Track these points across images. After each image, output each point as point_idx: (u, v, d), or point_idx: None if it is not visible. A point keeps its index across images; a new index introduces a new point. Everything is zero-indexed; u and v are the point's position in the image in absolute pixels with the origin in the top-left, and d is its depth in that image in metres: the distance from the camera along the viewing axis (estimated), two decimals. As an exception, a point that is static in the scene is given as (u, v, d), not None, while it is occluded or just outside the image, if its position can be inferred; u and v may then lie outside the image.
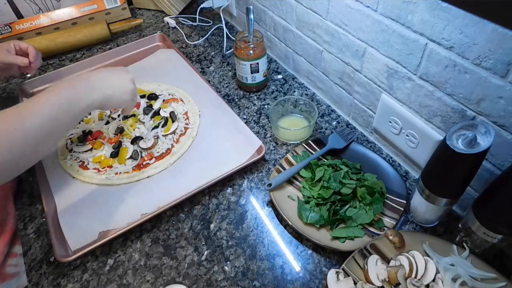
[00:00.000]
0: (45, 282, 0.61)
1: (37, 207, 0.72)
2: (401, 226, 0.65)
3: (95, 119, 0.85)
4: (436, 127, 0.61)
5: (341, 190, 0.65)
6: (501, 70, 0.47)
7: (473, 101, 0.52)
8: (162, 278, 0.60)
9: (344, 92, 0.81)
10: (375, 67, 0.68)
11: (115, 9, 1.22)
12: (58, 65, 1.08)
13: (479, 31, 0.47)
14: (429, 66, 0.56)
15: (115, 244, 0.65)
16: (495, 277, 0.52)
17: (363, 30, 0.66)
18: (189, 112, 0.86)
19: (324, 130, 0.83)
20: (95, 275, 0.61)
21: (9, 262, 0.68)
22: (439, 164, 0.53)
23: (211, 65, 1.04)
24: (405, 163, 0.73)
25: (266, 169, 0.75)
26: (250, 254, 0.62)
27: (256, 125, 0.85)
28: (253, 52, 0.85)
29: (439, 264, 0.54)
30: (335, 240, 0.61)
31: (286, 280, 0.59)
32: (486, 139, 0.47)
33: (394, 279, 0.51)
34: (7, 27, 1.11)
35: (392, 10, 0.58)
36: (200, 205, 0.70)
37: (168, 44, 1.08)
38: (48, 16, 1.15)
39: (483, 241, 0.53)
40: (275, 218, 0.67)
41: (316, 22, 0.78)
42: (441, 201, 0.56)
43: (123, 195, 0.71)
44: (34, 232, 0.68)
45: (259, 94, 0.93)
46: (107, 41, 1.16)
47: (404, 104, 0.65)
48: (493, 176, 0.55)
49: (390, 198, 0.66)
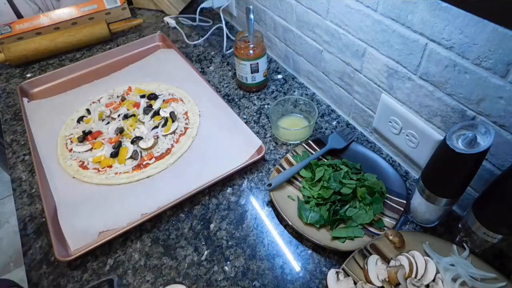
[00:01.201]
0: (45, 282, 0.61)
1: (37, 207, 0.72)
2: (401, 226, 0.65)
3: (95, 119, 0.85)
4: (436, 127, 0.61)
5: (341, 190, 0.65)
6: (501, 70, 0.47)
7: (473, 101, 0.52)
8: (162, 278, 0.60)
9: (344, 92, 0.81)
10: (375, 67, 0.68)
11: (115, 9, 1.22)
12: (58, 65, 1.08)
13: (479, 31, 0.47)
14: (429, 66, 0.56)
15: (115, 244, 0.65)
16: (495, 277, 0.52)
17: (363, 30, 0.66)
18: (189, 112, 0.86)
19: (324, 130, 0.83)
20: (95, 275, 0.61)
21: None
22: (439, 164, 0.53)
23: (211, 65, 1.04)
24: (405, 163, 0.73)
25: (266, 169, 0.75)
26: (250, 254, 0.62)
27: (256, 125, 0.85)
28: (253, 52, 0.85)
29: (439, 264, 0.54)
30: (335, 240, 0.61)
31: (286, 280, 0.59)
32: (486, 139, 0.47)
33: (394, 279, 0.51)
34: (7, 27, 1.11)
35: (392, 10, 0.58)
36: (200, 205, 0.70)
37: (168, 44, 1.08)
38: (48, 16, 1.15)
39: (483, 241, 0.53)
40: (275, 218, 0.67)
41: (316, 22, 0.78)
42: (441, 201, 0.56)
43: (123, 195, 0.71)
44: (34, 232, 0.68)
45: (259, 94, 0.93)
46: (107, 41, 1.16)
47: (404, 104, 0.65)
48: (493, 176, 0.55)
49: (390, 198, 0.66)
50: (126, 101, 0.89)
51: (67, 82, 1.00)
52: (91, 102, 0.91)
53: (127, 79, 0.98)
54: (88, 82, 0.98)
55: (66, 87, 0.97)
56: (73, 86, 0.97)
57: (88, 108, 0.88)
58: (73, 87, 0.97)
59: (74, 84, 0.98)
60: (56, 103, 0.92)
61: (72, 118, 0.87)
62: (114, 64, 1.04)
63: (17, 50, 1.05)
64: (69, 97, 0.94)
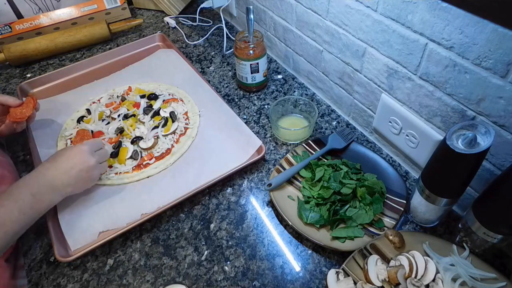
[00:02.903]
0: (45, 282, 0.61)
1: (37, 207, 0.72)
2: (401, 226, 0.65)
3: (95, 119, 0.85)
4: (436, 127, 0.61)
5: (341, 190, 0.65)
6: (501, 70, 0.47)
7: (473, 101, 0.52)
8: (162, 278, 0.60)
9: (344, 92, 0.81)
10: (375, 67, 0.68)
11: (115, 9, 1.22)
12: (58, 65, 1.08)
13: (479, 31, 0.47)
14: (429, 66, 0.56)
15: (115, 244, 0.65)
16: (495, 277, 0.52)
17: (363, 30, 0.66)
18: (189, 112, 0.86)
19: (324, 130, 0.83)
20: (95, 275, 0.61)
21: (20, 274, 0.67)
22: (439, 164, 0.53)
23: (211, 65, 1.04)
24: (405, 163, 0.73)
25: (266, 169, 0.75)
26: (250, 254, 0.62)
27: (256, 125, 0.85)
28: (253, 52, 0.85)
29: (439, 264, 0.54)
30: (335, 240, 0.61)
31: (286, 280, 0.59)
32: (486, 139, 0.47)
33: (394, 279, 0.51)
34: (7, 27, 1.11)
35: (392, 10, 0.58)
36: (200, 205, 0.70)
37: (168, 44, 1.08)
38: (48, 16, 1.15)
39: (483, 241, 0.53)
40: (275, 218, 0.67)
41: (316, 22, 0.78)
42: (441, 201, 0.56)
43: (123, 195, 0.71)
44: (34, 232, 0.68)
45: (259, 94, 0.93)
46: (107, 41, 1.16)
47: (404, 104, 0.65)
48: (493, 176, 0.55)
49: (390, 198, 0.66)
50: (126, 101, 0.89)
51: (67, 82, 0.99)
52: (91, 102, 0.91)
53: (127, 79, 0.98)
54: (88, 82, 0.98)
55: (66, 87, 0.97)
56: (73, 86, 0.97)
57: (88, 108, 0.88)
58: (73, 87, 0.97)
59: (74, 84, 0.98)
60: (56, 103, 0.92)
61: (72, 118, 0.87)
62: (114, 64, 1.04)
63: (17, 50, 1.05)
64: (69, 97, 0.94)
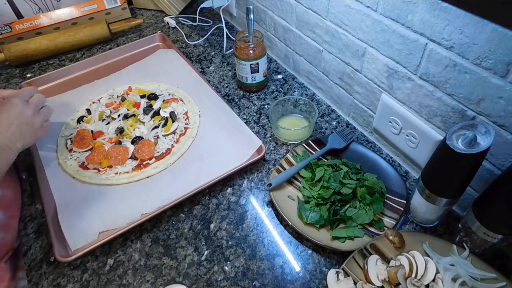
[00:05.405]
0: (45, 282, 0.61)
1: (37, 207, 0.72)
2: (401, 226, 0.65)
3: (95, 119, 0.85)
4: (436, 127, 0.61)
5: (341, 190, 0.65)
6: (501, 70, 0.47)
7: (473, 101, 0.52)
8: (162, 278, 0.60)
9: (344, 92, 0.81)
10: (375, 67, 0.68)
11: (115, 9, 1.22)
12: (58, 65, 1.08)
13: (479, 31, 0.47)
14: (429, 66, 0.56)
15: (115, 244, 0.65)
16: (495, 277, 0.52)
17: (363, 30, 0.66)
18: (189, 112, 0.86)
19: (324, 130, 0.83)
20: (95, 275, 0.61)
21: (20, 275, 0.68)
22: (439, 164, 0.53)
23: (211, 65, 1.04)
24: (405, 163, 0.73)
25: (266, 169, 0.75)
26: (250, 254, 0.62)
27: (256, 125, 0.85)
28: (253, 52, 0.85)
29: (439, 264, 0.54)
30: (335, 240, 0.61)
31: (286, 280, 0.59)
32: (486, 139, 0.47)
33: (394, 279, 0.51)
34: (7, 27, 1.11)
35: (392, 10, 0.58)
36: (200, 205, 0.70)
37: (168, 44, 1.08)
38: (48, 16, 1.15)
39: (483, 241, 0.53)
40: (275, 218, 0.67)
41: (316, 22, 0.78)
42: (441, 201, 0.56)
43: (123, 195, 0.71)
44: (34, 232, 0.68)
45: (259, 94, 0.93)
46: (107, 41, 1.16)
47: (404, 104, 0.65)
48: (493, 176, 0.55)
49: (390, 198, 0.66)
50: (126, 101, 0.89)
51: (67, 82, 0.99)
52: (91, 102, 0.91)
53: (127, 79, 0.98)
54: (88, 82, 0.98)
55: (66, 87, 0.97)
56: (73, 86, 0.97)
57: (88, 108, 0.88)
58: (73, 87, 0.96)
59: (74, 84, 0.98)
60: (56, 103, 0.91)
61: (72, 118, 0.87)
62: (114, 64, 1.04)
63: (17, 50, 1.05)
64: (69, 97, 0.94)
